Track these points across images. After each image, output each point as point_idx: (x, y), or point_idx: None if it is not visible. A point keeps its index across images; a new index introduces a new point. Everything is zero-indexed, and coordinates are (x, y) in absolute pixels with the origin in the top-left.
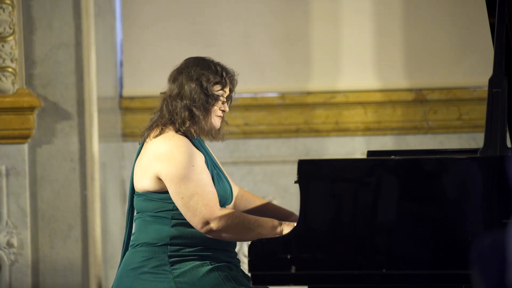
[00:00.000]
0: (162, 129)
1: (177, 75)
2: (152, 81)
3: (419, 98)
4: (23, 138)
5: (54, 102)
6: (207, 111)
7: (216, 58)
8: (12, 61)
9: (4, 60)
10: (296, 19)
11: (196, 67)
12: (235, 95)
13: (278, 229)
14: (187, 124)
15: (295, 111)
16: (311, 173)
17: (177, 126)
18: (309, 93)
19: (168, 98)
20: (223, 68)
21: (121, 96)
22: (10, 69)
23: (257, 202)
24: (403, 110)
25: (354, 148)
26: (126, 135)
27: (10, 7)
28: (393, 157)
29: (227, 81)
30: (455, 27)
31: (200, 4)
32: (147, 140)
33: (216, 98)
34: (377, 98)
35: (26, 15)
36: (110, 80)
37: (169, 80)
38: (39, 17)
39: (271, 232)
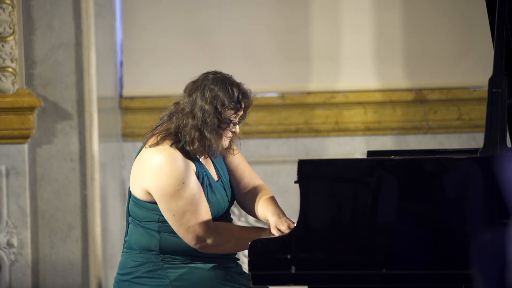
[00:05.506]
0: (160, 140)
1: (192, 91)
2: (152, 81)
3: (419, 98)
4: (23, 138)
5: (54, 102)
6: (218, 134)
7: (216, 58)
8: (12, 61)
9: (4, 60)
10: (296, 18)
11: (214, 87)
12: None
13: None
14: (196, 144)
15: (295, 111)
16: (311, 173)
17: (183, 143)
18: (309, 93)
19: (180, 112)
20: (240, 91)
21: (121, 96)
22: (10, 69)
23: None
24: (403, 110)
25: (354, 148)
26: (126, 135)
27: (10, 7)
28: (393, 157)
29: (242, 105)
30: (455, 27)
31: (200, 4)
32: (145, 145)
33: (229, 123)
34: (377, 98)
35: (26, 15)
36: (110, 80)
37: (184, 91)
38: (39, 17)
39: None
